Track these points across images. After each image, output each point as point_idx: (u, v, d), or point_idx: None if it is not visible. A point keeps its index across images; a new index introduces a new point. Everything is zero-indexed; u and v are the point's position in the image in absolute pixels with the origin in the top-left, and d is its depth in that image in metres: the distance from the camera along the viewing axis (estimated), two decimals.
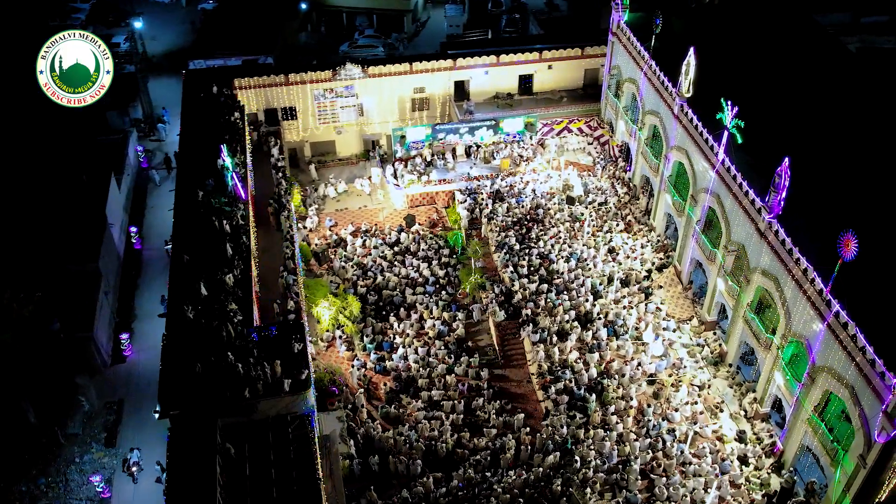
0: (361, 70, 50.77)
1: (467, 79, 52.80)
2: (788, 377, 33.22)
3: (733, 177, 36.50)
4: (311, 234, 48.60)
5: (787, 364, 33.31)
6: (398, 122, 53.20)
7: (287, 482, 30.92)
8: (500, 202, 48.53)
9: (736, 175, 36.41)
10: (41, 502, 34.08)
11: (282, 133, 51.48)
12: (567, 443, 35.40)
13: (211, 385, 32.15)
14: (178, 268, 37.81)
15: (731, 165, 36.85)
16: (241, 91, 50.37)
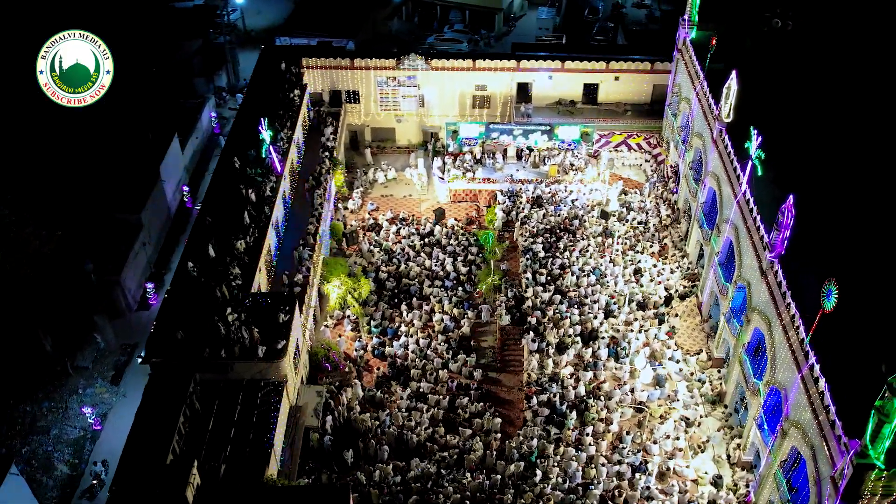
0: (424, 62, 51.46)
1: (530, 81, 52.41)
2: (764, 427, 31.34)
3: (750, 210, 34.65)
4: (351, 215, 49.89)
5: (766, 413, 31.41)
6: (457, 117, 53.56)
7: (242, 443, 32.27)
8: (537, 208, 48.03)
9: (753, 208, 34.57)
10: (40, 423, 37.14)
11: (343, 115, 52.94)
12: (533, 455, 34.89)
13: (194, 341, 34.00)
14: (199, 228, 40.04)
15: (750, 197, 35.00)
16: (308, 70, 52.25)
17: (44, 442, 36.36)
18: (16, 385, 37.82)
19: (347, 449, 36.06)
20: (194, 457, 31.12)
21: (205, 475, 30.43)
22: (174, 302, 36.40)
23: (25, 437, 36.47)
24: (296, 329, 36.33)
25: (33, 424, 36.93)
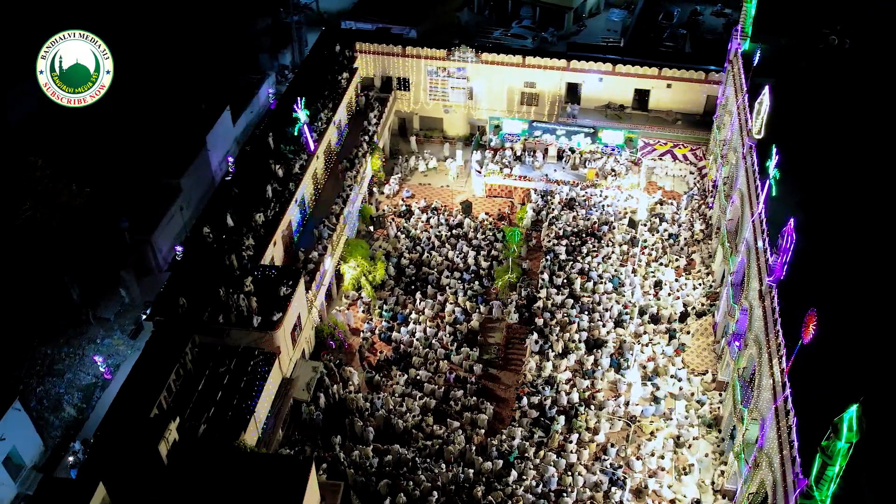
0: (475, 54, 51.45)
1: (580, 82, 51.63)
2: (741, 457, 30.14)
3: (761, 231, 33.31)
4: (386, 200, 50.50)
5: (744, 444, 30.20)
6: (505, 112, 53.33)
7: (226, 407, 33.39)
8: (568, 210, 47.42)
9: (764, 229, 33.22)
10: (57, 366, 39.42)
11: (391, 102, 53.54)
12: (511, 455, 34.69)
13: (195, 304, 35.35)
14: (223, 197, 41.49)
15: (763, 218, 33.63)
16: (362, 55, 53.09)
17: (57, 384, 38.60)
18: (41, 328, 40.24)
19: (336, 426, 36.78)
20: (178, 414, 32.57)
21: (183, 433, 31.76)
22: (185, 265, 38.00)
23: (42, 377, 38.81)
24: (297, 304, 37.18)
25: (51, 367, 39.25)
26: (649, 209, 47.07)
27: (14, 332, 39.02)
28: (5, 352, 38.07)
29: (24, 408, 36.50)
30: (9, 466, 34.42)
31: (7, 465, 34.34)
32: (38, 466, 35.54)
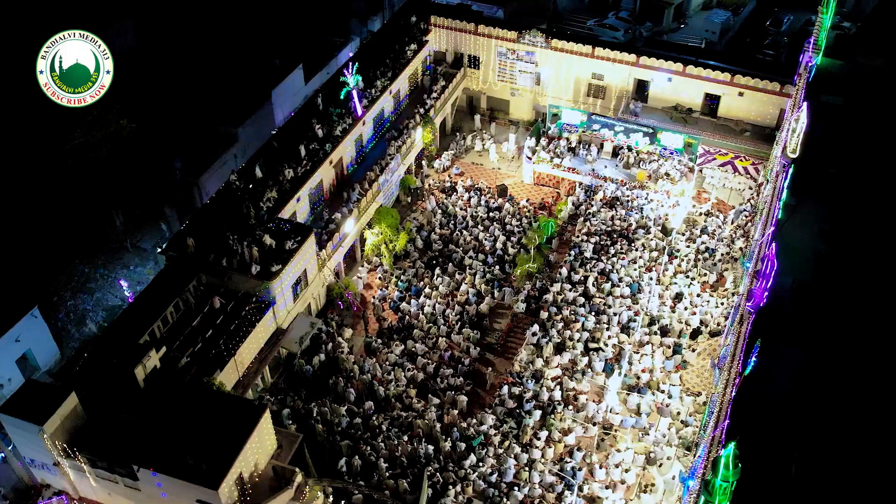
0: (544, 39, 50.65)
1: (649, 80, 49.79)
2: (685, 486, 28.82)
3: (761, 254, 31.43)
4: (434, 174, 50.87)
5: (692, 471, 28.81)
6: (570, 101, 52.27)
7: (211, 345, 35.14)
8: (608, 209, 46.16)
9: (768, 253, 31.32)
10: (89, 284, 42.65)
11: (460, 78, 53.62)
12: (475, 440, 34.66)
13: (206, 245, 37.23)
14: (264, 150, 43.23)
15: (771, 241, 31.68)
16: (436, 29, 53.35)
17: (86, 301, 41.78)
18: (82, 247, 43.56)
19: (325, 382, 37.86)
20: (166, 344, 34.66)
21: (165, 362, 33.79)
22: (208, 207, 40.04)
23: (74, 292, 42.14)
24: (304, 259, 38.43)
25: (84, 284, 42.51)
26: (689, 219, 45.04)
27: (57, 247, 42.45)
28: (44, 265, 41.53)
29: (52, 318, 39.89)
30: (23, 367, 37.71)
31: (22, 365, 37.62)
32: (51, 372, 38.68)
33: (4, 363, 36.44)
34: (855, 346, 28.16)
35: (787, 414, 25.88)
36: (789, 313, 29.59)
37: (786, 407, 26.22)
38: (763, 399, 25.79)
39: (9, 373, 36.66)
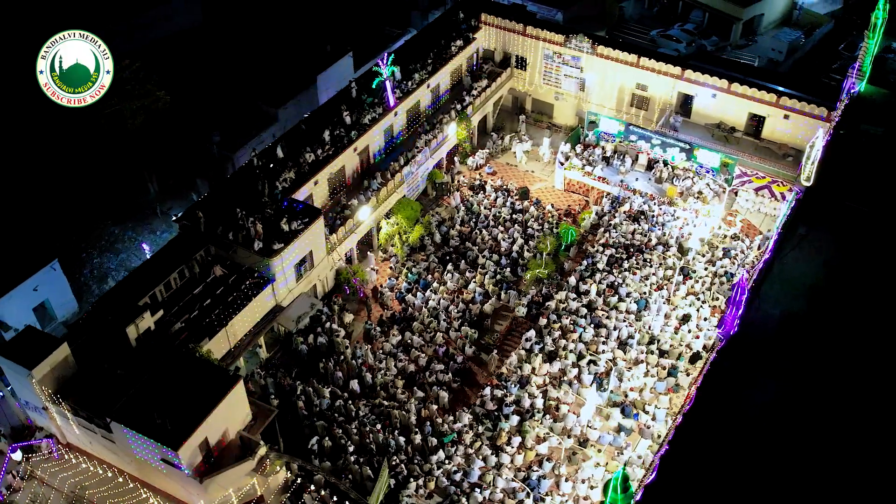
0: (590, 45, 49.90)
1: (693, 94, 48.38)
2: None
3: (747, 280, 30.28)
4: (466, 171, 50.91)
5: None
6: (613, 110, 51.35)
7: (206, 313, 36.36)
8: (632, 222, 45.19)
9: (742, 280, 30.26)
10: (116, 245, 44.82)
11: (505, 78, 53.41)
12: (446, 437, 34.73)
13: (216, 219, 38.51)
14: (291, 132, 44.38)
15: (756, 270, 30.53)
16: (485, 27, 53.30)
17: (111, 261, 43.95)
18: (115, 210, 45.78)
19: (317, 362, 38.59)
20: (164, 308, 36.11)
21: (160, 325, 35.24)
22: (228, 181, 41.43)
23: (102, 251, 44.35)
24: (310, 240, 39.25)
25: (112, 244, 44.73)
26: (711, 241, 43.53)
27: (90, 207, 44.75)
28: (74, 222, 43.87)
29: (77, 274, 42.14)
30: (41, 315, 39.98)
31: (41, 314, 39.89)
32: (67, 323, 40.87)
33: (22, 309, 38.77)
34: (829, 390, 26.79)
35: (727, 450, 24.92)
36: (767, 345, 28.37)
37: (729, 441, 25.21)
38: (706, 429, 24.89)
39: (25, 319, 38.95)
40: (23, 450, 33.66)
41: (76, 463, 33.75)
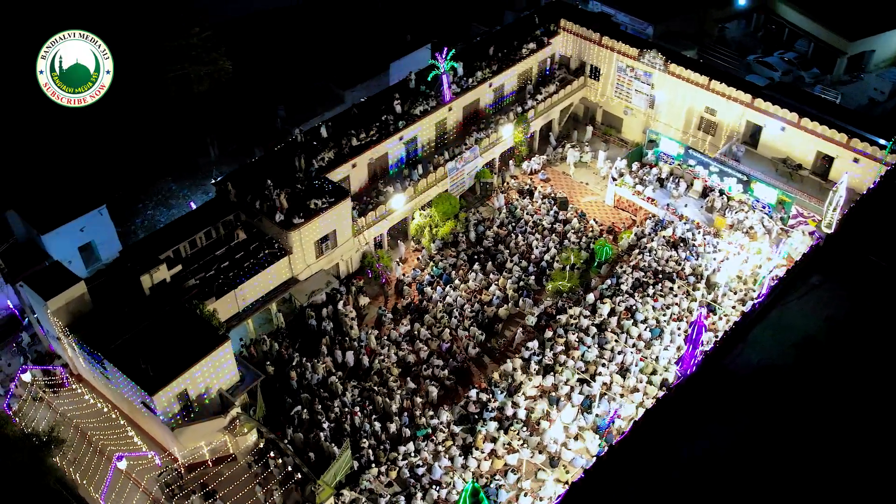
0: (663, 62, 48.32)
1: (762, 125, 45.98)
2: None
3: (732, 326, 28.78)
4: (519, 174, 50.58)
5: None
6: (680, 131, 49.60)
7: (221, 275, 38.08)
8: (670, 248, 43.58)
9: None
10: (170, 200, 47.62)
11: (574, 85, 52.48)
12: (420, 431, 34.96)
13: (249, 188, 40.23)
14: (343, 114, 45.67)
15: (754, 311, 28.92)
16: (564, 33, 52.65)
17: (162, 213, 46.77)
18: (177, 167, 48.60)
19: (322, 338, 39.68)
20: (184, 263, 38.16)
21: (176, 279, 37.26)
22: (268, 153, 43.15)
23: (156, 205, 47.27)
24: (333, 220, 40.30)
25: (166, 199, 47.56)
26: (746, 279, 41.32)
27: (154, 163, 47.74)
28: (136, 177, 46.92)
29: (128, 221, 45.17)
30: (87, 255, 43.00)
31: (86, 253, 42.94)
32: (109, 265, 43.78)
33: (68, 246, 41.84)
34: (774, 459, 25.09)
35: None
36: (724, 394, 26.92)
37: None
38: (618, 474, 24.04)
39: (70, 255, 42.02)
40: (36, 373, 36.57)
41: (80, 393, 36.43)
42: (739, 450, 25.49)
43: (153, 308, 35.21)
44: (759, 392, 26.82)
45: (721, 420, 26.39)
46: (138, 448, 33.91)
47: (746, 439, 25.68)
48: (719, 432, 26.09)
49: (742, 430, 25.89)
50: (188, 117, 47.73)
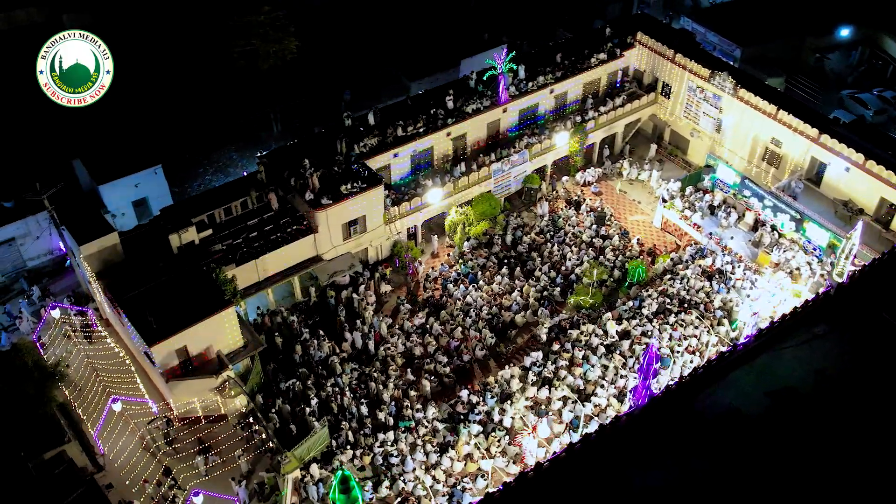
0: (733, 86, 46.36)
1: (827, 162, 43.37)
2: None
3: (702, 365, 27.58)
4: (571, 185, 49.87)
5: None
6: (744, 160, 47.46)
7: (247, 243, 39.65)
8: (704, 279, 41.93)
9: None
10: (229, 168, 50.01)
11: (642, 101, 51.12)
12: (403, 422, 35.37)
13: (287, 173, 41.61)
14: (396, 104, 46.50)
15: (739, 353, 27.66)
16: (639, 46, 51.39)
17: (219, 179, 49.09)
18: (241, 138, 50.81)
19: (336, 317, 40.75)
20: (215, 229, 39.98)
21: (204, 242, 39.10)
22: (313, 135, 44.48)
23: (216, 171, 49.66)
24: (363, 205, 41.16)
25: (225, 167, 49.88)
26: None
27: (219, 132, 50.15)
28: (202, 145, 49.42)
29: (185, 183, 47.73)
30: (141, 211, 45.78)
31: (140, 209, 45.73)
32: None
33: (123, 199, 44.83)
34: None
35: None
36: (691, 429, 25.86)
37: None
38: None
39: (124, 208, 45.05)
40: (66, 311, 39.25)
41: (103, 336, 38.81)
42: (690, 489, 24.56)
43: (175, 266, 37.17)
44: (719, 435, 25.69)
45: (676, 456, 25.46)
46: (140, 395, 35.86)
47: (698, 479, 24.70)
48: (674, 468, 25.18)
49: (696, 469, 24.88)
50: (255, 91, 49.76)
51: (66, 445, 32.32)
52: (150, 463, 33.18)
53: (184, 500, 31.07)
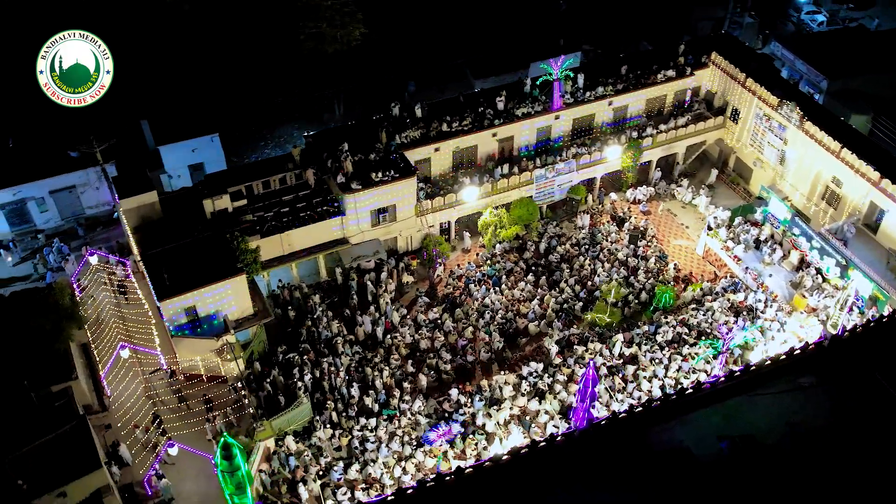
0: (799, 118, 44.01)
1: (886, 209, 40.52)
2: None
3: None
4: (619, 201, 48.76)
5: None
6: (803, 197, 44.99)
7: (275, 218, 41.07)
8: (734, 314, 40.15)
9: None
10: (287, 144, 51.58)
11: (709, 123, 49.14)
12: (387, 410, 35.85)
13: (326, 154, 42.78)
14: (449, 100, 46.86)
15: None
16: (713, 67, 49.51)
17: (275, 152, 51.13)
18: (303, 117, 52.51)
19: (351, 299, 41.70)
20: (250, 200, 41.58)
21: (236, 211, 40.81)
22: (362, 121, 45.48)
23: (274, 147, 51.62)
24: (394, 195, 41.90)
25: (284, 143, 51.96)
26: None
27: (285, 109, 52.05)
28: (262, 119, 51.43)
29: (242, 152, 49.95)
30: (197, 174, 48.12)
31: (197, 173, 48.09)
32: None
33: (180, 161, 47.32)
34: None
35: None
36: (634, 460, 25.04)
37: None
38: None
39: (181, 170, 47.56)
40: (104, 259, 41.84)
41: (135, 287, 41.19)
42: None
43: (203, 230, 39.03)
44: (658, 471, 24.81)
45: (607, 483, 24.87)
46: (153, 347, 37.89)
47: None
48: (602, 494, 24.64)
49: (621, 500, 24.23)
50: (322, 74, 51.23)
51: (72, 382, 34.61)
52: (149, 411, 35.04)
53: (159, 449, 32.71)
